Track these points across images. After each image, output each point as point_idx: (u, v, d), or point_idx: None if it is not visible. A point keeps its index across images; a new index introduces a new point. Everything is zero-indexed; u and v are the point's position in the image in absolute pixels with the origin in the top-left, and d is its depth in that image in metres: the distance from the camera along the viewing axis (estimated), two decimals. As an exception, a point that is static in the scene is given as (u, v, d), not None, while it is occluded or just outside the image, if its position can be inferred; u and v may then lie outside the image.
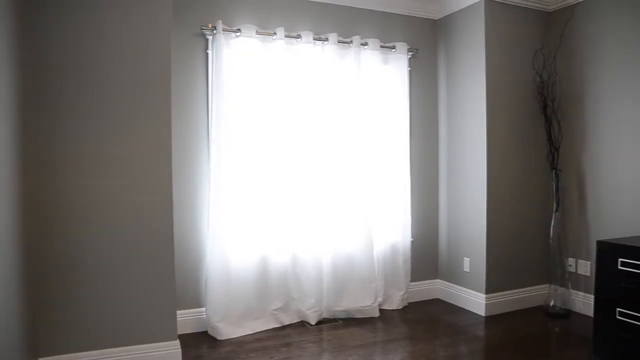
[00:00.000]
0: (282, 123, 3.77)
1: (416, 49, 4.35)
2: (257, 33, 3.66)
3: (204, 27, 3.54)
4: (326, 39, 3.89)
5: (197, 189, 3.64)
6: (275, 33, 3.71)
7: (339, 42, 3.94)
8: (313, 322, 3.81)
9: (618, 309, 3.05)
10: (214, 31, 3.53)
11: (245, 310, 3.66)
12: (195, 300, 3.67)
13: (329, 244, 3.95)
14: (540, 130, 4.21)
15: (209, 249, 3.57)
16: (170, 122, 3.05)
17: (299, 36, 3.80)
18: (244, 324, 3.64)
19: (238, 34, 3.60)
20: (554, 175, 4.11)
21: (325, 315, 3.93)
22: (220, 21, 3.53)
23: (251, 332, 3.63)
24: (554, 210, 4.10)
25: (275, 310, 3.78)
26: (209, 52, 3.61)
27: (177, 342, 3.10)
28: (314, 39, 3.85)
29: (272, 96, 3.74)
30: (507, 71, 4.07)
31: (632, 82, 3.65)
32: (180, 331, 3.46)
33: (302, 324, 3.82)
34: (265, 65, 3.72)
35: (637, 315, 2.96)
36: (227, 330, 3.54)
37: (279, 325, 3.78)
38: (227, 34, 3.58)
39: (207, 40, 3.62)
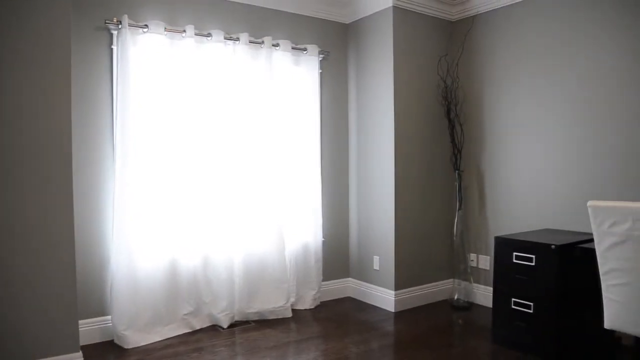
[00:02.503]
0: (192, 122, 3.68)
1: (327, 52, 4.42)
2: (166, 30, 3.55)
3: (108, 21, 3.37)
4: (237, 39, 3.85)
5: (101, 189, 3.46)
6: (184, 31, 3.62)
7: (250, 42, 3.92)
8: (225, 326, 3.75)
9: (513, 299, 3.29)
10: (119, 26, 3.38)
11: (154, 316, 3.53)
12: (100, 308, 3.48)
13: (241, 245, 3.91)
14: (445, 133, 4.43)
15: (114, 252, 3.41)
16: (70, 118, 2.87)
17: (209, 35, 3.73)
18: (153, 331, 3.51)
19: (145, 29, 3.47)
20: (456, 175, 4.34)
21: (237, 318, 3.88)
22: (126, 15, 3.38)
23: (161, 339, 3.51)
24: (457, 208, 4.33)
25: (185, 315, 3.68)
26: (114, 47, 3.45)
27: (80, 354, 2.93)
28: (225, 38, 3.80)
29: (182, 95, 3.64)
30: (413, 76, 4.25)
31: (525, 88, 3.95)
32: (84, 342, 3.31)
33: (214, 328, 3.75)
34: (174, 63, 3.62)
35: (529, 304, 3.20)
36: (135, 338, 3.40)
37: (190, 331, 3.68)
38: (133, 29, 3.44)
39: (111, 35, 3.45)
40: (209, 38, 3.73)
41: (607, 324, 2.52)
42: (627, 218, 2.32)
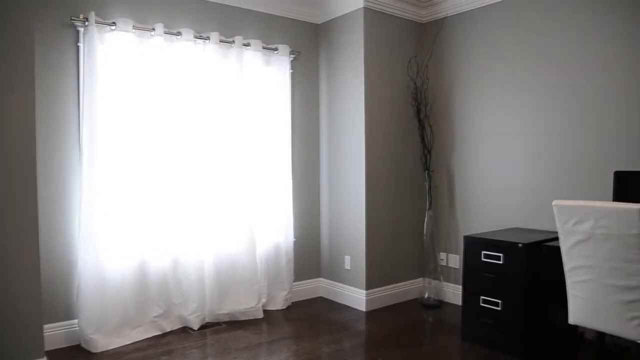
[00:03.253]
0: (162, 122, 3.63)
1: (298, 52, 4.42)
2: (134, 28, 3.49)
3: (74, 18, 3.29)
4: (207, 38, 3.82)
5: (67, 189, 3.38)
6: (153, 29, 3.56)
7: (221, 41, 3.89)
8: (196, 327, 3.71)
9: (482, 297, 3.34)
10: (86, 23, 3.30)
11: (123, 319, 3.46)
12: (67, 312, 3.39)
13: (211, 245, 3.87)
14: (415, 133, 4.48)
15: (81, 253, 3.33)
16: (34, 117, 2.78)
17: (179, 33, 3.68)
18: (122, 334, 3.45)
19: (113, 27, 3.40)
20: (426, 175, 4.39)
21: (208, 320, 3.85)
22: (92, 12, 3.30)
23: (130, 342, 3.45)
24: (427, 208, 4.38)
25: (155, 317, 3.63)
26: (81, 45, 3.37)
27: (45, 359, 2.85)
28: (195, 37, 3.75)
29: (151, 94, 3.58)
30: (384, 76, 4.28)
31: (493, 89, 4.02)
32: (50, 347, 3.24)
33: (185, 330, 3.70)
34: (143, 62, 3.56)
35: (497, 302, 3.26)
36: (103, 342, 3.33)
37: (160, 333, 3.63)
38: (100, 26, 3.37)
39: (78, 32, 3.37)
40: (178, 37, 3.69)
41: (572, 319, 2.59)
42: (589, 217, 2.39)
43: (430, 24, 4.52)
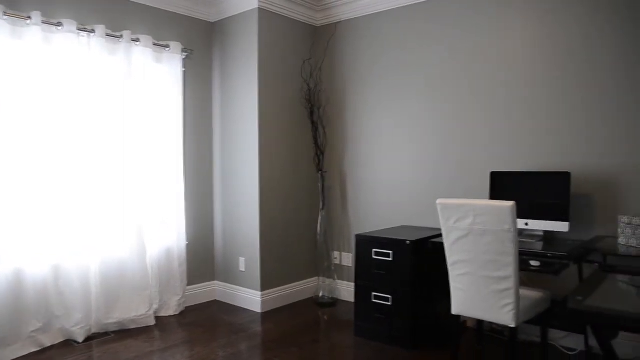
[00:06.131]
0: (39, 121, 3.36)
1: (191, 50, 4.31)
2: (6, 14, 3.19)
3: None
4: (93, 31, 3.59)
5: None
6: (29, 17, 3.28)
7: (107, 35, 3.68)
8: (81, 340, 3.48)
9: (373, 293, 3.48)
10: (-52, 8, 2.98)
11: (-6, 336, 3.16)
12: None
13: (97, 250, 3.65)
14: (309, 134, 4.55)
15: (-56, 266, 2.99)
16: None
17: (60, 24, 3.43)
18: (-7, 352, 3.15)
19: (-19, 14, 3.10)
20: (320, 176, 4.48)
21: (95, 330, 3.63)
22: (-45, -4, 2.99)
23: (2, 360, 3.16)
24: (320, 208, 4.47)
25: (33, 331, 3.34)
26: (-59, 32, 3.03)
27: None
28: (79, 29, 3.52)
29: (27, 90, 3.31)
30: (278, 78, 4.30)
31: (383, 93, 4.20)
32: None
33: (68, 344, 3.46)
34: (17, 54, 3.27)
35: (387, 297, 3.41)
36: (-30, 362, 3.02)
37: (39, 349, 3.35)
38: (-35, 12, 3.05)
39: (-62, 17, 3.03)
40: (59, 28, 3.43)
41: (454, 309, 2.78)
42: (469, 214, 2.58)
43: (324, 27, 4.61)
